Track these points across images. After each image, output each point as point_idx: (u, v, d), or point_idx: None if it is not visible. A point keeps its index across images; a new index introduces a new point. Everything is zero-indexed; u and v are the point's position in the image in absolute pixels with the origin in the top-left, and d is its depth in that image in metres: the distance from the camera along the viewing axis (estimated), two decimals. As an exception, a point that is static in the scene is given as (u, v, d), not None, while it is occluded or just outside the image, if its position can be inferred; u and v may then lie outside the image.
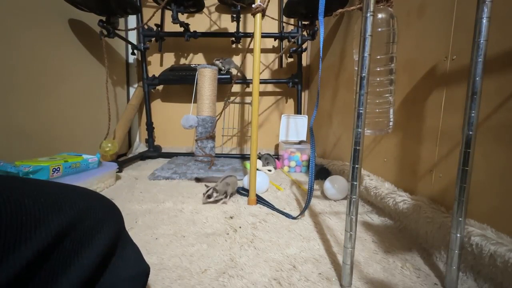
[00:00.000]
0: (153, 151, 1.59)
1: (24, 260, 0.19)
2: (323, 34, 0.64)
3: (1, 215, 0.19)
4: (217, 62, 1.45)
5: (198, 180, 1.01)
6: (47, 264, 0.21)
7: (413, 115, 0.69)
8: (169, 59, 1.73)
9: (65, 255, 0.22)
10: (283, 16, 1.41)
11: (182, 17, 1.64)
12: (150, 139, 1.63)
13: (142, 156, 1.53)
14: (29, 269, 0.19)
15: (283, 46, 1.63)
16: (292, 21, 1.55)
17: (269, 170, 1.30)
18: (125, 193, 0.92)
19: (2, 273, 0.17)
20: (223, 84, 1.50)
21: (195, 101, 1.32)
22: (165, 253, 0.55)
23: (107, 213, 0.29)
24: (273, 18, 1.27)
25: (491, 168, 0.47)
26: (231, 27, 1.63)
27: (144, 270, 0.34)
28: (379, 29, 0.59)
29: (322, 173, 1.12)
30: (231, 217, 0.73)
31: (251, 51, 1.53)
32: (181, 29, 1.46)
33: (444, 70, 0.59)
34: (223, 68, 1.46)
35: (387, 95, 0.62)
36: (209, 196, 0.80)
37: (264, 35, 1.48)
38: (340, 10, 0.65)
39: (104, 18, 1.13)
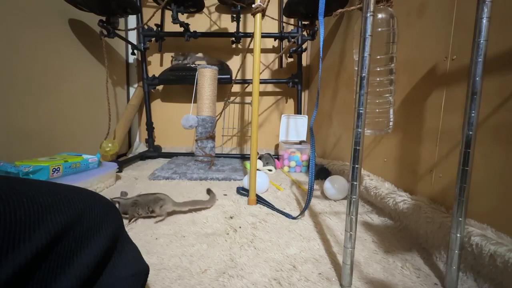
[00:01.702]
0: (153, 151, 1.59)
1: (23, 259, 0.19)
2: (323, 34, 0.64)
3: (0, 215, 0.19)
4: (176, 62, 1.49)
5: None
6: (46, 264, 0.21)
7: (413, 115, 0.69)
8: (169, 59, 1.73)
9: (64, 255, 0.22)
10: (283, 16, 1.41)
11: (182, 17, 1.64)
12: (150, 139, 1.63)
13: (142, 156, 1.53)
14: (28, 268, 0.19)
15: (283, 46, 1.63)
16: (292, 21, 1.55)
17: (270, 170, 1.30)
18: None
19: (1, 273, 0.17)
20: (223, 84, 1.50)
21: (195, 101, 1.32)
22: (165, 253, 0.55)
23: (105, 213, 0.29)
24: (273, 18, 1.27)
25: (491, 168, 0.47)
26: (231, 27, 1.63)
27: (143, 270, 0.34)
28: (379, 29, 0.59)
29: (322, 173, 1.12)
30: (231, 217, 0.73)
31: (251, 51, 1.54)
32: (181, 29, 1.46)
33: (444, 70, 0.59)
34: (179, 62, 1.49)
35: (387, 95, 0.62)
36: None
37: (264, 35, 1.48)
38: (340, 10, 0.65)
39: (104, 18, 1.13)
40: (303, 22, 1.42)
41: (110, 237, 0.28)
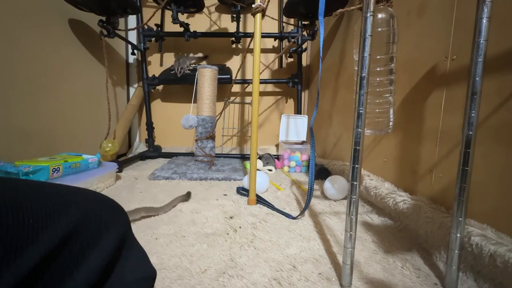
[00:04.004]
0: (153, 151, 1.59)
1: (32, 263, 0.19)
2: (323, 34, 0.64)
3: (7, 218, 0.19)
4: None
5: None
6: (54, 267, 0.21)
7: (413, 115, 0.69)
8: (169, 59, 1.73)
9: (72, 257, 0.22)
10: (283, 16, 1.41)
11: (182, 17, 1.64)
12: (150, 139, 1.63)
13: (142, 156, 1.53)
14: (37, 271, 0.19)
15: (283, 46, 1.63)
16: (292, 21, 1.55)
17: (270, 170, 1.30)
18: (125, 193, 0.92)
19: (10, 276, 0.17)
20: (223, 84, 1.50)
21: (195, 101, 1.32)
22: (165, 253, 0.55)
23: (113, 215, 0.28)
24: (273, 18, 1.27)
25: (491, 168, 0.47)
26: (231, 27, 1.63)
27: (151, 274, 0.34)
28: (379, 29, 0.59)
29: (322, 173, 1.12)
30: (231, 217, 0.73)
31: (251, 51, 1.54)
32: (181, 29, 1.46)
33: (444, 70, 0.59)
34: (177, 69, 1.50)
35: (387, 95, 0.62)
36: None
37: (264, 35, 1.48)
38: (340, 10, 0.65)
39: (104, 18, 1.13)
40: (303, 22, 1.42)
41: (118, 239, 0.27)
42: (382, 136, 0.83)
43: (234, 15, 1.47)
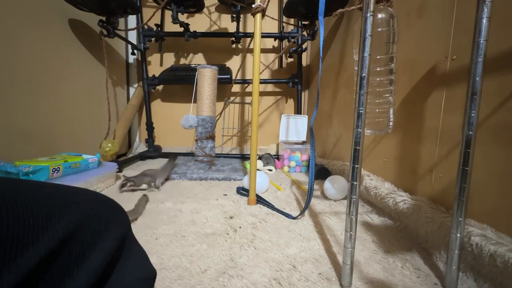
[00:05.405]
0: (153, 151, 1.59)
1: (32, 263, 0.19)
2: (323, 34, 0.64)
3: (7, 218, 0.19)
4: None
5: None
6: (54, 267, 0.21)
7: (413, 115, 0.69)
8: (169, 59, 1.73)
9: (72, 257, 0.22)
10: (283, 16, 1.41)
11: (182, 17, 1.64)
12: (150, 139, 1.63)
13: (142, 156, 1.53)
14: (37, 272, 0.19)
15: (283, 46, 1.63)
16: (292, 21, 1.55)
17: (270, 170, 1.30)
18: (125, 193, 0.92)
19: (10, 276, 0.17)
20: (223, 84, 1.50)
21: (195, 101, 1.32)
22: (165, 253, 0.55)
23: (113, 215, 0.28)
24: (273, 18, 1.27)
25: (491, 168, 0.47)
26: (231, 27, 1.63)
27: (151, 274, 0.34)
28: (379, 29, 0.59)
29: (322, 173, 1.12)
30: (231, 217, 0.73)
31: (251, 51, 1.54)
32: (181, 29, 1.46)
33: (444, 70, 0.59)
34: None
35: (387, 95, 0.62)
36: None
37: (264, 35, 1.48)
38: (340, 10, 0.65)
39: (104, 18, 1.13)
40: (303, 22, 1.42)
41: (118, 239, 0.27)
42: (382, 136, 0.83)
43: (234, 15, 1.47)
